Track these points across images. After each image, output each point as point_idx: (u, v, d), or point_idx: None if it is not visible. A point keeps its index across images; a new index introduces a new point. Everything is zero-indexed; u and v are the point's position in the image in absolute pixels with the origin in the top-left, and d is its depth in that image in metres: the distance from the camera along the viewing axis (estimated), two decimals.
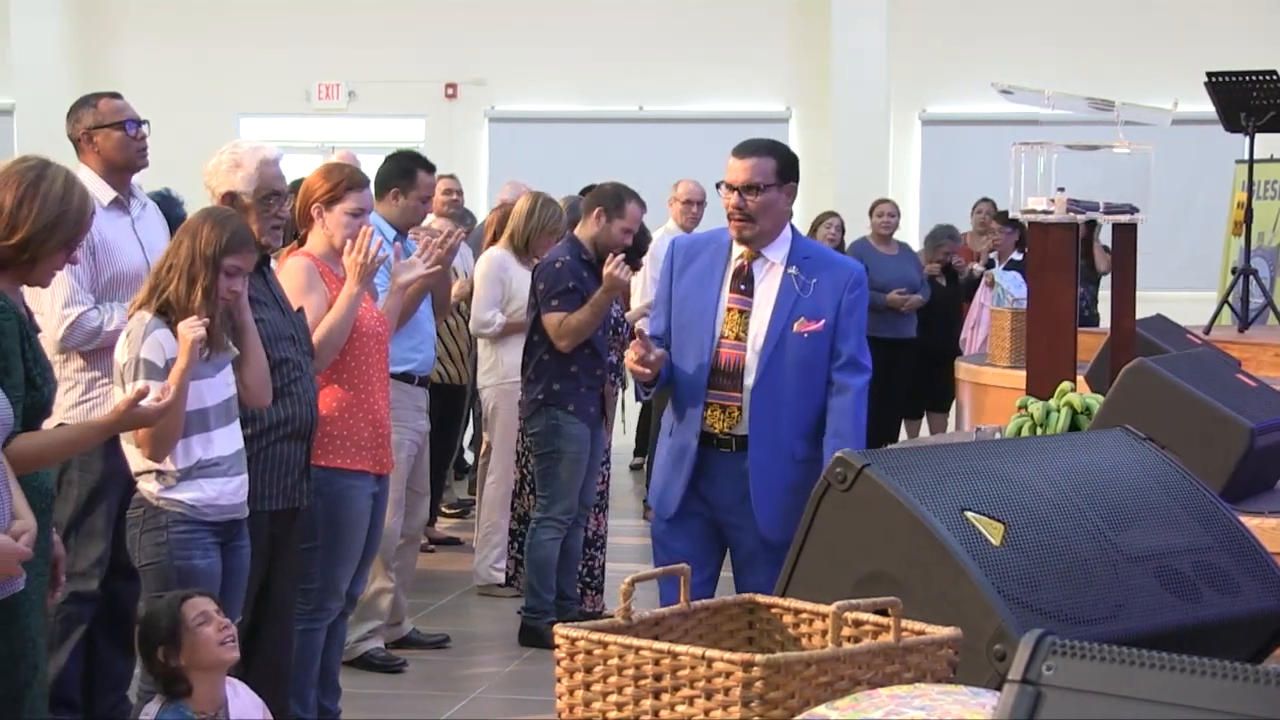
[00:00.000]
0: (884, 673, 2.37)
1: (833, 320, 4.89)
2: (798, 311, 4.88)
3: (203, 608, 4.19)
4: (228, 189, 5.10)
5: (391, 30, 16.96)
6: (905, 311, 11.35)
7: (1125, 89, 10.77)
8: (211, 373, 4.55)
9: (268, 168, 5.13)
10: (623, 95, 16.89)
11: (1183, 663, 1.64)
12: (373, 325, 5.55)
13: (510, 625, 7.44)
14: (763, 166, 4.91)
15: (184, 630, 4.14)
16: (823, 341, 4.89)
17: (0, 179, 4.05)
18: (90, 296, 5.17)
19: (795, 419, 4.87)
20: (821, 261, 5.01)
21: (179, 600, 4.20)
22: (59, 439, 3.80)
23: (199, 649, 4.15)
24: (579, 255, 7.25)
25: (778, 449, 4.85)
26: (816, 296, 4.90)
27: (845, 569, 2.84)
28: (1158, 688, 1.64)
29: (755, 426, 4.85)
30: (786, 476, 4.83)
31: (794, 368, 4.86)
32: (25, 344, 3.95)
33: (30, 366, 3.96)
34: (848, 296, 4.93)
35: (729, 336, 4.88)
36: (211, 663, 4.17)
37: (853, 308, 4.94)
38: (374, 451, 5.52)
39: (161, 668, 4.17)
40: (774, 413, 4.85)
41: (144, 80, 16.48)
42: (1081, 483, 3.03)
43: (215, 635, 4.16)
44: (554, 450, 7.22)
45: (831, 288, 4.92)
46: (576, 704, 2.43)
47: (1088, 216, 6.11)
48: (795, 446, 4.87)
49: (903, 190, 16.10)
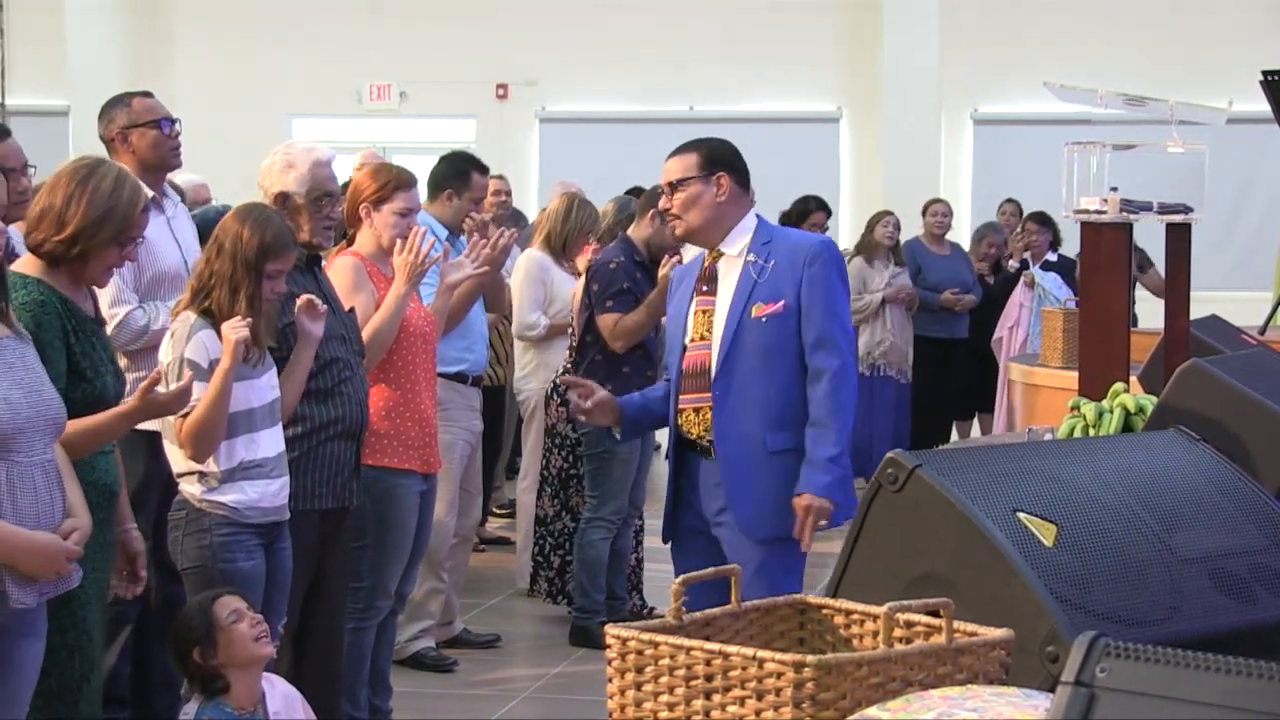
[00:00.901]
0: (936, 674, 2.37)
1: (794, 301, 4.63)
2: (755, 297, 4.67)
3: (234, 605, 4.21)
4: (280, 189, 5.12)
5: (443, 31, 17.00)
6: (959, 312, 11.31)
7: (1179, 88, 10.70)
8: (257, 374, 4.56)
9: (321, 169, 5.15)
10: (673, 95, 16.88)
11: (1237, 665, 1.63)
12: (420, 325, 5.57)
13: (560, 625, 7.45)
14: (683, 162, 4.79)
15: (218, 629, 4.16)
16: (786, 323, 4.63)
17: (53, 180, 4.11)
18: (134, 296, 5.19)
19: (762, 409, 4.64)
20: (781, 242, 4.74)
21: (210, 600, 4.22)
22: (86, 428, 3.83)
23: (234, 646, 4.17)
24: (632, 256, 7.25)
25: (746, 442, 4.66)
26: (774, 277, 4.66)
27: (896, 570, 2.83)
28: (1212, 690, 1.63)
29: (720, 422, 4.70)
30: (762, 470, 4.64)
31: (755, 356, 4.64)
32: (72, 337, 3.99)
33: (79, 359, 3.99)
34: (807, 272, 4.64)
35: (695, 338, 4.74)
36: (247, 659, 4.19)
37: (814, 282, 4.63)
38: (421, 451, 5.53)
39: (198, 668, 4.19)
40: (738, 405, 4.66)
41: (197, 82, 16.62)
42: (1135, 484, 3.02)
43: (249, 631, 4.18)
44: (605, 450, 7.22)
45: (790, 265, 4.65)
46: (628, 704, 2.44)
47: (1141, 216, 6.08)
48: (768, 438, 4.64)
49: (954, 190, 16.04)
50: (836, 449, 4.59)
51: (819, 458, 4.58)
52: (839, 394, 4.62)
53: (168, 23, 17.56)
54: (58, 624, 3.85)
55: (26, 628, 3.48)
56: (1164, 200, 6.19)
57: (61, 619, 3.86)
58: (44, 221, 4.04)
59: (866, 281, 10.96)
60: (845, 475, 4.62)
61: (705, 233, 4.79)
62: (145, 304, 5.20)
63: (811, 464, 4.59)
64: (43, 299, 3.97)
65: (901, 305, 10.92)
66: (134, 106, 5.42)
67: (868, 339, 10.93)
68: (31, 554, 3.37)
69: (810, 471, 4.59)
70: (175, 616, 4.64)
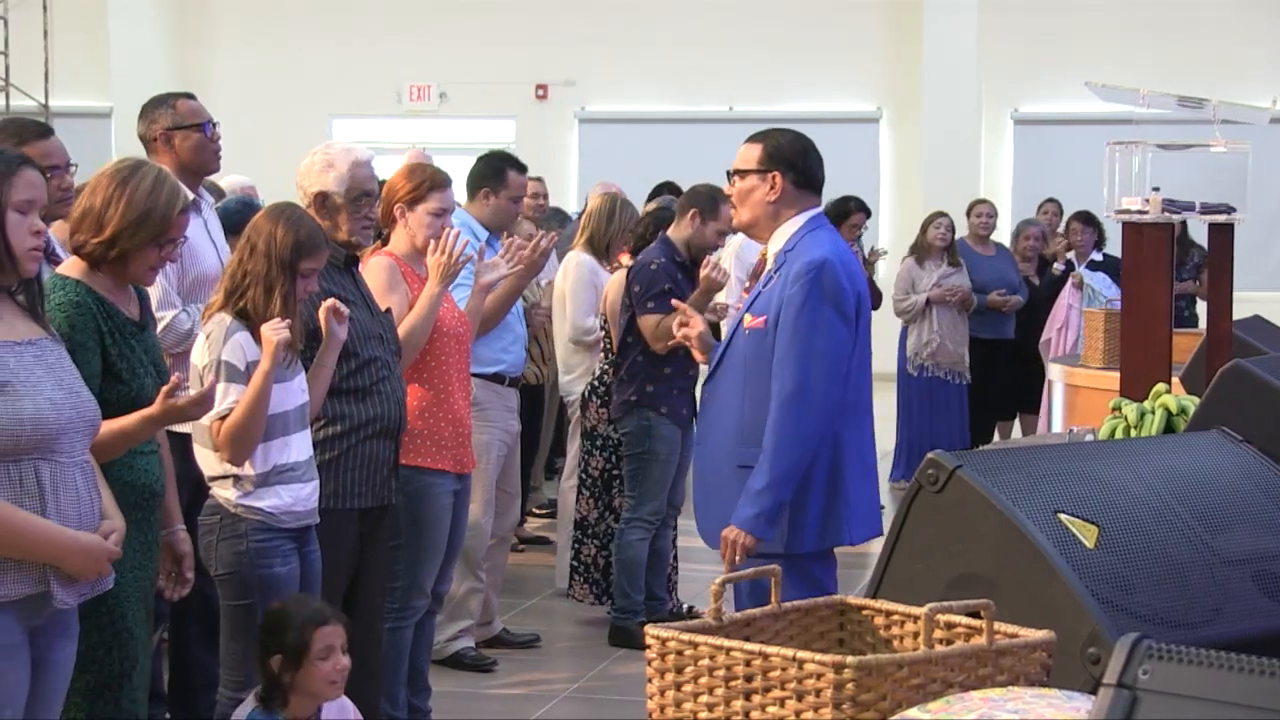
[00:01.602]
0: (976, 675, 2.36)
1: (774, 317, 4.50)
2: (755, 307, 4.61)
3: (330, 640, 4.19)
4: (320, 189, 5.13)
5: (482, 32, 17.05)
6: (1006, 312, 11.28)
7: (1222, 87, 10.65)
8: (289, 377, 4.55)
9: (360, 169, 5.16)
10: (713, 96, 16.89)
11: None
12: (453, 325, 5.57)
13: (600, 625, 7.45)
14: (747, 153, 4.71)
15: (306, 656, 4.17)
16: (764, 340, 4.51)
17: (94, 181, 4.13)
18: (179, 299, 5.21)
19: (736, 421, 4.57)
20: (795, 253, 4.57)
21: (313, 625, 4.19)
22: (114, 431, 3.84)
23: (312, 680, 4.19)
24: (673, 257, 7.24)
25: (717, 452, 4.61)
26: (771, 290, 4.55)
27: (937, 570, 2.83)
28: (1256, 693, 1.62)
29: (701, 426, 4.73)
30: (726, 482, 4.56)
31: (736, 367, 4.58)
32: (108, 339, 4.01)
33: (115, 360, 4.01)
34: (788, 291, 4.49)
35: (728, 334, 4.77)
36: (317, 695, 4.22)
37: (789, 302, 4.47)
38: (455, 450, 5.54)
39: (269, 674, 4.19)
40: (717, 413, 4.63)
41: (238, 83, 16.71)
42: (1177, 485, 3.00)
43: (330, 673, 4.19)
44: (645, 451, 7.22)
45: (783, 281, 4.52)
46: (667, 704, 2.43)
47: (1183, 216, 6.05)
48: (737, 451, 4.53)
49: (994, 190, 16.00)
50: (766, 479, 4.41)
51: (749, 487, 4.44)
52: (782, 423, 4.43)
53: (209, 25, 17.66)
54: (95, 621, 3.87)
55: (62, 629, 3.50)
56: (1206, 200, 6.16)
57: (99, 616, 3.88)
58: (85, 223, 4.06)
59: (915, 283, 10.93)
60: (775, 504, 4.43)
61: (754, 228, 4.74)
62: (189, 306, 5.22)
63: (744, 493, 4.46)
64: (78, 300, 3.99)
65: (951, 306, 10.89)
66: (178, 108, 5.43)
67: (915, 340, 10.92)
68: (78, 554, 3.39)
69: (740, 501, 4.46)
70: (212, 618, 4.64)
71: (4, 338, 3.33)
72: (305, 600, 4.38)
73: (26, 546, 3.31)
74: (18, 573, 3.31)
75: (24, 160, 3.43)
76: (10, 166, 3.36)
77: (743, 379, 4.56)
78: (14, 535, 3.27)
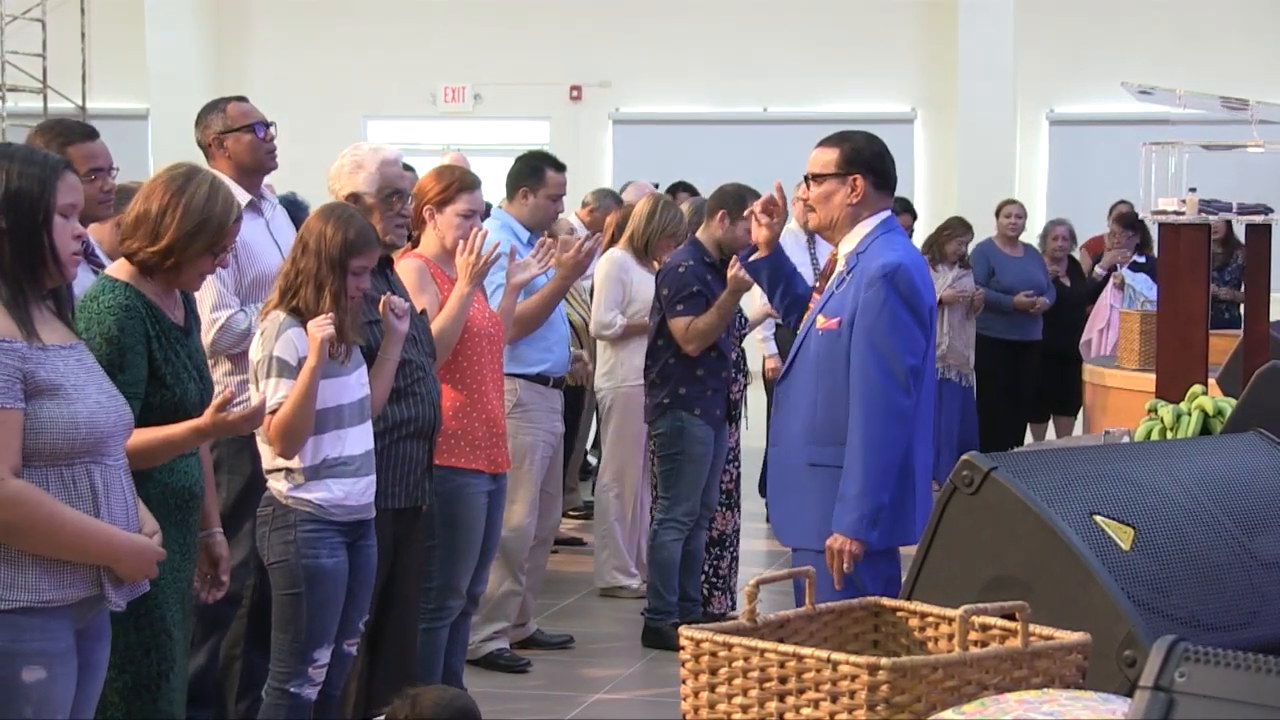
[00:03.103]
0: (1011, 677, 2.35)
1: (849, 319, 4.56)
2: (828, 309, 4.65)
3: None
4: (350, 190, 5.15)
5: (516, 33, 17.08)
6: (1034, 314, 11.24)
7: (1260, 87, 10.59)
8: (346, 372, 4.61)
9: (389, 167, 5.19)
10: (747, 97, 16.88)
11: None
12: (485, 326, 5.58)
13: (633, 627, 7.45)
14: (824, 156, 4.72)
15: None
16: (837, 342, 4.57)
17: (148, 187, 4.14)
18: (236, 300, 5.24)
19: (806, 421, 4.63)
20: (867, 255, 4.63)
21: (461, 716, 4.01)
22: (159, 438, 3.86)
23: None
24: (702, 258, 7.24)
25: (791, 449, 4.68)
26: (844, 293, 4.60)
27: (971, 572, 2.82)
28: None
29: (773, 424, 4.79)
30: (797, 480, 4.64)
31: (810, 367, 4.63)
32: (155, 344, 4.03)
33: (160, 365, 4.03)
34: (864, 294, 4.55)
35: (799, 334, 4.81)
36: None
37: (865, 307, 4.53)
38: (489, 451, 5.55)
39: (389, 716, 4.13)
40: (791, 411, 4.68)
41: (273, 84, 16.76)
42: (1214, 487, 2.99)
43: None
44: (678, 452, 7.23)
45: (857, 283, 4.58)
46: (701, 705, 2.43)
47: (1220, 217, 6.02)
48: (808, 450, 4.61)
49: (1030, 191, 15.95)
50: (860, 484, 4.47)
51: (843, 493, 4.50)
52: (870, 426, 4.49)
53: (245, 27, 17.73)
54: (134, 622, 3.88)
55: (100, 631, 3.52)
56: (1244, 201, 6.13)
57: (137, 617, 3.89)
58: (139, 230, 4.06)
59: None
60: (875, 507, 4.48)
61: (831, 230, 4.77)
62: (246, 306, 5.24)
63: (839, 500, 4.52)
64: (128, 304, 4.01)
65: (961, 307, 10.86)
66: (229, 112, 5.47)
67: None
68: (133, 555, 3.41)
69: (837, 508, 4.52)
70: (266, 617, 4.67)
71: (50, 342, 3.35)
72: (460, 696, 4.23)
73: (86, 548, 3.33)
74: (74, 575, 3.33)
75: (66, 164, 3.45)
76: (55, 170, 3.38)
77: (814, 379, 4.62)
78: (75, 538, 3.29)
